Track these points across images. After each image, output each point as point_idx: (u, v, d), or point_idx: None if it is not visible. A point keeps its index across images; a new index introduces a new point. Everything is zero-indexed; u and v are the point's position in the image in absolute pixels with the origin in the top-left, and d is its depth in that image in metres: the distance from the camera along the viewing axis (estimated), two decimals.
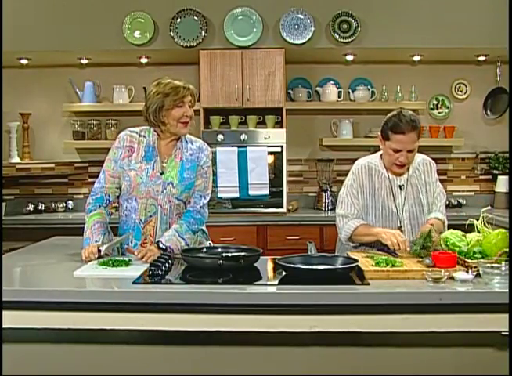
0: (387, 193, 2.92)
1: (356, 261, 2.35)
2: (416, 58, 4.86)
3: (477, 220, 2.63)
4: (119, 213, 2.91)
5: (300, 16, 4.48)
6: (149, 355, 2.15)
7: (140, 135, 2.83)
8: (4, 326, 2.08)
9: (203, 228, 3.00)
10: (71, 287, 2.20)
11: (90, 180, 5.06)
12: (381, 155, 3.00)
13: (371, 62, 5.01)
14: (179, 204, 2.84)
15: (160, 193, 2.78)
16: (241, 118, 4.82)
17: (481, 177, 5.20)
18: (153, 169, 2.79)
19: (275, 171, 4.58)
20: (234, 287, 2.19)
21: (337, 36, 4.48)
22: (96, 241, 2.66)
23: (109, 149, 2.88)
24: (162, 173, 2.79)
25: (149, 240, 2.81)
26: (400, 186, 2.93)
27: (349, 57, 4.83)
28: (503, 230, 2.50)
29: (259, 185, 4.49)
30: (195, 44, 4.51)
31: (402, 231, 2.84)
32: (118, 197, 2.89)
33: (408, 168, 2.94)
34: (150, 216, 2.80)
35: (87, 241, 2.69)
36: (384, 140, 2.87)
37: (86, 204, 2.85)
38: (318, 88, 5.03)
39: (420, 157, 3.00)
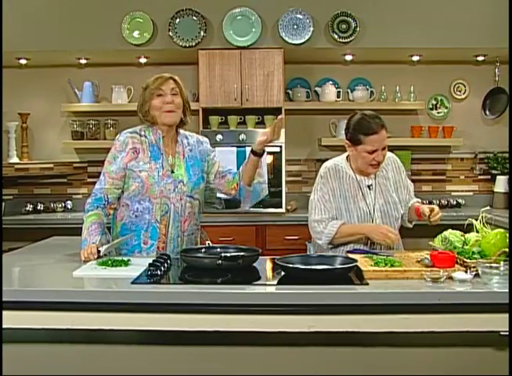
0: (356, 194, 2.92)
1: (355, 261, 2.35)
2: (415, 58, 4.87)
3: (476, 220, 2.64)
4: (122, 214, 2.86)
5: (299, 16, 4.48)
6: (148, 355, 2.15)
7: (141, 136, 2.83)
8: (3, 326, 2.08)
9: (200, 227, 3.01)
10: (70, 287, 2.19)
11: (89, 180, 5.06)
12: (347, 157, 2.99)
13: (370, 62, 5.02)
14: (191, 202, 2.84)
15: (172, 192, 2.78)
16: (240, 118, 4.82)
17: (479, 177, 5.20)
18: (163, 168, 2.79)
19: (274, 171, 4.58)
20: (233, 287, 2.19)
21: (336, 36, 4.49)
22: (94, 242, 2.64)
23: (108, 149, 2.88)
24: (172, 172, 2.81)
25: (161, 239, 2.79)
26: (369, 186, 2.93)
27: (348, 57, 4.83)
28: (502, 230, 2.50)
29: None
30: (194, 44, 4.51)
31: None
32: (119, 199, 2.85)
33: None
34: (163, 215, 2.79)
35: (84, 242, 2.68)
36: (355, 145, 2.86)
37: (85, 204, 2.84)
38: (317, 88, 5.04)
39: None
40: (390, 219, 2.93)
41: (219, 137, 4.55)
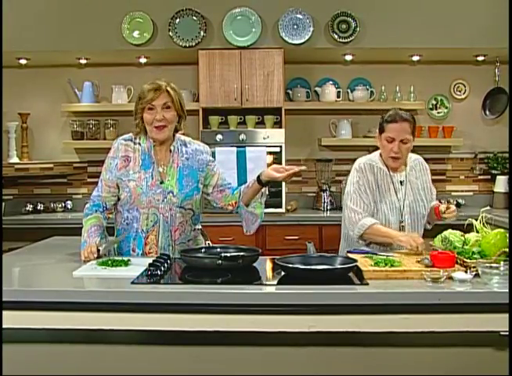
0: (389, 188, 3.02)
1: (355, 261, 2.35)
2: (415, 58, 4.87)
3: (476, 220, 2.64)
4: (117, 220, 2.87)
5: (299, 16, 4.48)
6: (148, 355, 2.15)
7: (135, 143, 2.79)
8: (3, 326, 2.08)
9: (201, 227, 3.00)
10: (70, 287, 2.19)
11: (89, 180, 5.07)
12: (380, 154, 3.08)
13: (370, 62, 5.02)
14: (181, 212, 2.78)
15: (161, 202, 2.74)
16: (240, 118, 4.82)
17: (479, 177, 5.21)
18: (153, 178, 2.74)
19: None
20: (233, 287, 2.19)
21: (336, 36, 4.49)
22: (93, 243, 2.64)
23: (108, 148, 2.88)
24: (162, 182, 2.75)
25: (153, 249, 2.77)
26: (401, 182, 3.04)
27: (348, 57, 4.83)
28: (502, 230, 2.50)
29: None
30: (194, 44, 4.51)
31: (403, 226, 2.98)
32: (116, 205, 2.85)
33: (406, 165, 3.07)
34: (153, 225, 2.75)
35: (84, 244, 2.67)
36: (380, 134, 3.02)
37: (84, 208, 2.85)
38: (317, 88, 5.04)
39: (413, 157, 3.14)
40: (417, 216, 3.04)
41: (219, 137, 4.54)
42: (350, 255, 2.54)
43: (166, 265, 2.42)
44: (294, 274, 2.31)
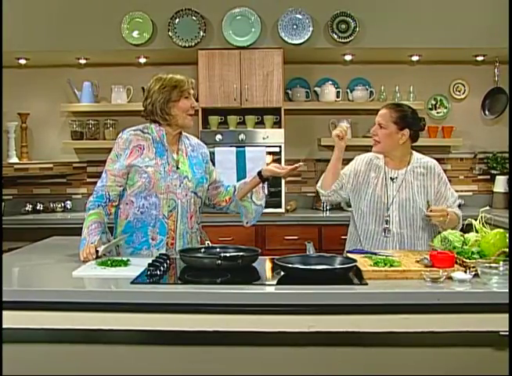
0: (379, 182, 3.07)
1: (354, 261, 2.35)
2: (415, 58, 4.88)
3: (476, 220, 2.64)
4: (126, 212, 2.84)
5: (298, 16, 4.49)
6: (148, 355, 2.15)
7: (144, 133, 2.84)
8: (3, 326, 2.07)
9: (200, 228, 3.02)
10: (70, 287, 2.19)
11: (88, 180, 5.06)
12: None
13: (369, 62, 5.02)
14: (195, 198, 2.87)
15: (178, 187, 2.81)
16: (239, 118, 4.82)
17: (479, 177, 5.21)
18: (168, 164, 2.81)
19: None
20: (232, 287, 2.18)
21: (336, 36, 4.49)
22: (92, 242, 2.63)
23: (107, 148, 2.88)
24: (177, 167, 2.83)
25: (170, 235, 2.81)
26: (392, 179, 3.07)
27: (347, 57, 4.84)
28: (501, 230, 2.50)
29: None
30: (193, 44, 4.52)
31: (387, 220, 3.00)
32: (121, 197, 2.85)
33: (407, 165, 3.08)
34: (171, 211, 2.80)
35: (83, 241, 2.67)
36: None
37: (86, 203, 2.84)
38: (316, 88, 5.04)
39: (424, 159, 3.15)
40: (406, 215, 3.01)
41: (219, 137, 4.55)
42: (349, 255, 2.54)
43: (165, 265, 2.42)
44: (294, 274, 2.31)
